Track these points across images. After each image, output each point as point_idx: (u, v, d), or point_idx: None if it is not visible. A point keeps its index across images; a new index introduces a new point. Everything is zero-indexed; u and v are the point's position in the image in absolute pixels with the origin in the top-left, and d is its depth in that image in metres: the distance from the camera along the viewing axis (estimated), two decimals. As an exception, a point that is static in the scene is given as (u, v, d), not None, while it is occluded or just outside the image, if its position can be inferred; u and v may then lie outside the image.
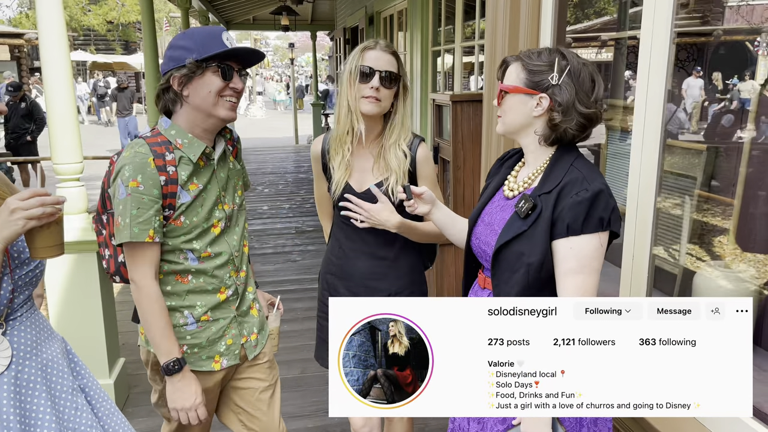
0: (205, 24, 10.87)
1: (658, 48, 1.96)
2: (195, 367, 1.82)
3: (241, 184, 1.97)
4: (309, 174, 10.71)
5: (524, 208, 1.47)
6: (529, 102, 1.50)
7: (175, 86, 1.69)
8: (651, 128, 2.00)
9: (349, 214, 1.95)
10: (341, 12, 12.29)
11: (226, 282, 1.84)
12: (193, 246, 1.76)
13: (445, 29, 5.75)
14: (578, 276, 1.41)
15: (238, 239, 1.89)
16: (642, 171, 2.05)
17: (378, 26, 8.30)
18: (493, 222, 1.60)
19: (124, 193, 1.65)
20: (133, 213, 1.64)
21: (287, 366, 3.65)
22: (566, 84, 1.47)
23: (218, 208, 1.81)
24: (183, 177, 1.71)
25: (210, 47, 1.65)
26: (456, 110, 3.33)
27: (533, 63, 1.49)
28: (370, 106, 1.94)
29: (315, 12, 13.93)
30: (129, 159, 1.66)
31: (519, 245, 1.47)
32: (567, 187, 1.44)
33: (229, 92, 1.70)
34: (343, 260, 2.13)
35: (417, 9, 6.02)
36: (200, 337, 1.82)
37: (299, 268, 5.55)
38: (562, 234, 1.42)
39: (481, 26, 4.71)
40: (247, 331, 1.93)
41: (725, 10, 4.57)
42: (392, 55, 1.97)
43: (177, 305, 1.79)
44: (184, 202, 1.71)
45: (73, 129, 2.90)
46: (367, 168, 2.05)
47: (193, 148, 1.73)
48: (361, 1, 9.36)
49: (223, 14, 12.97)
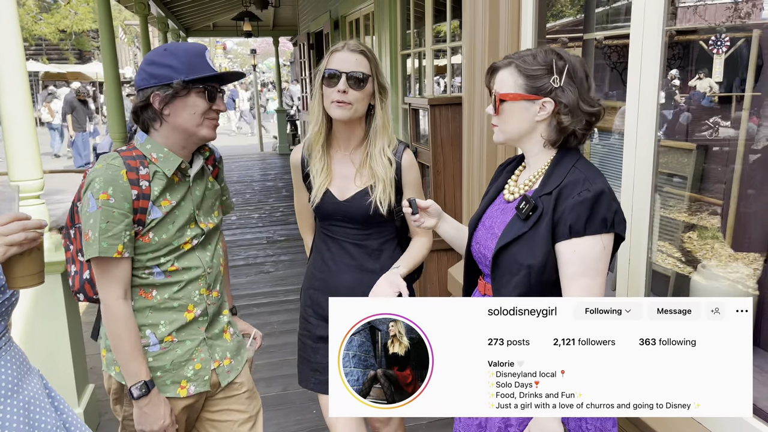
0: (164, 31, 10.60)
1: (649, 47, 1.91)
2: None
3: (218, 204, 1.88)
4: (276, 182, 10.53)
5: (525, 209, 1.43)
6: (531, 108, 1.45)
7: (156, 105, 1.62)
8: (645, 129, 1.95)
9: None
10: (304, 17, 12.16)
11: (194, 300, 1.74)
12: (160, 261, 1.68)
13: (414, 32, 5.68)
14: (582, 279, 1.37)
15: (211, 255, 1.79)
16: (636, 173, 2.00)
17: (344, 30, 8.21)
18: (493, 225, 1.55)
19: (94, 206, 1.57)
20: (102, 227, 1.56)
21: (267, 383, 3.51)
22: (568, 85, 1.43)
23: (190, 227, 1.73)
24: (155, 192, 1.63)
25: (197, 68, 1.62)
26: (434, 114, 3.26)
27: (531, 67, 1.44)
28: (339, 111, 1.84)
29: (277, 17, 13.77)
30: (101, 171, 1.58)
31: (519, 247, 1.43)
32: (568, 188, 1.40)
33: (213, 114, 1.67)
34: (326, 274, 2.02)
35: (384, 12, 5.95)
36: (163, 360, 1.71)
37: (273, 280, 5.40)
38: (565, 236, 1.38)
39: (453, 27, 4.65)
40: (219, 355, 1.81)
41: (677, 11, 4.62)
42: (361, 54, 1.87)
43: (139, 324, 1.68)
44: (154, 218, 1.64)
45: (31, 143, 2.72)
46: (350, 175, 1.95)
47: (169, 162, 1.66)
48: (325, 5, 9.25)
49: (183, 21, 12.69)
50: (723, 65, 3.81)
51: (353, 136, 1.94)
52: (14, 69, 2.63)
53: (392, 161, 1.92)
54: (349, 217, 1.94)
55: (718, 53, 3.70)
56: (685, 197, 2.96)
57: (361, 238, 1.97)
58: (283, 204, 8.62)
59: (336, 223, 1.98)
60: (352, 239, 1.97)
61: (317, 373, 2.05)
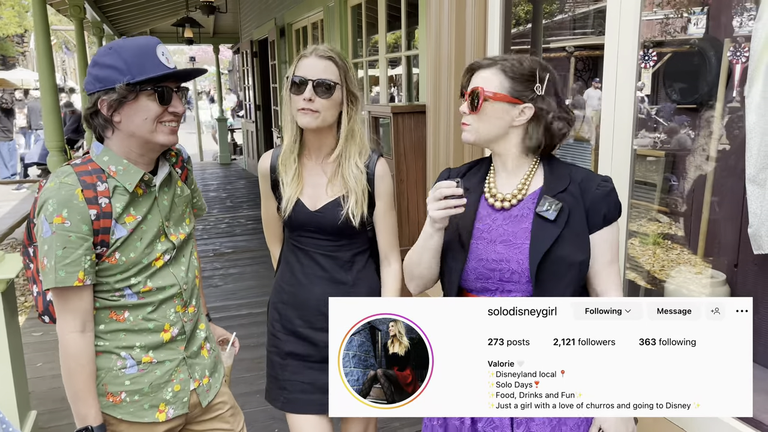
0: (99, 36, 10.18)
1: (625, 55, 1.93)
2: (135, 417, 1.58)
3: (190, 210, 1.75)
4: (220, 192, 10.26)
5: (552, 209, 1.42)
6: (511, 111, 1.45)
7: (104, 111, 1.47)
8: (621, 138, 1.96)
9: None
10: (246, 24, 11.94)
11: (171, 319, 1.62)
12: (131, 282, 1.54)
13: (366, 40, 5.65)
14: (614, 265, 1.45)
15: (186, 270, 1.67)
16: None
17: (290, 39, 8.09)
18: (504, 237, 1.46)
19: (48, 230, 1.41)
20: (59, 254, 1.41)
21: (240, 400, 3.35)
22: (548, 95, 1.46)
23: (160, 241, 1.59)
24: (118, 209, 1.49)
25: (144, 68, 1.44)
26: (397, 122, 3.21)
27: (518, 72, 1.45)
28: (306, 119, 1.77)
29: (218, 24, 13.48)
30: (53, 191, 1.43)
31: (561, 248, 1.40)
32: (585, 182, 1.45)
33: (169, 117, 1.50)
34: (296, 287, 1.93)
35: (334, 20, 5.89)
36: (141, 383, 1.58)
37: (222, 294, 5.21)
38: (599, 225, 1.43)
39: (415, 36, 4.64)
40: (198, 374, 1.69)
41: (641, 24, 4.81)
42: (330, 60, 1.79)
43: (112, 346, 1.55)
44: (119, 237, 1.49)
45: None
46: (321, 184, 1.88)
47: (129, 175, 1.51)
48: (270, 13, 9.11)
49: (118, 26, 12.24)
50: (651, 79, 3.98)
51: (324, 145, 1.87)
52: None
53: (363, 171, 1.85)
54: (321, 227, 1.87)
55: (645, 67, 3.86)
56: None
57: (332, 249, 1.89)
58: (228, 215, 8.39)
59: (306, 234, 1.89)
60: (323, 250, 1.89)
61: (285, 391, 1.95)
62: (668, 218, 3.37)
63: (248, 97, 12.66)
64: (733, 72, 2.88)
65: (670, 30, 4.89)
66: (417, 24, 4.39)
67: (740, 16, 3.17)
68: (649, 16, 4.83)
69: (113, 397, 1.56)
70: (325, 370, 1.90)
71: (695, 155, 3.00)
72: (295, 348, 1.92)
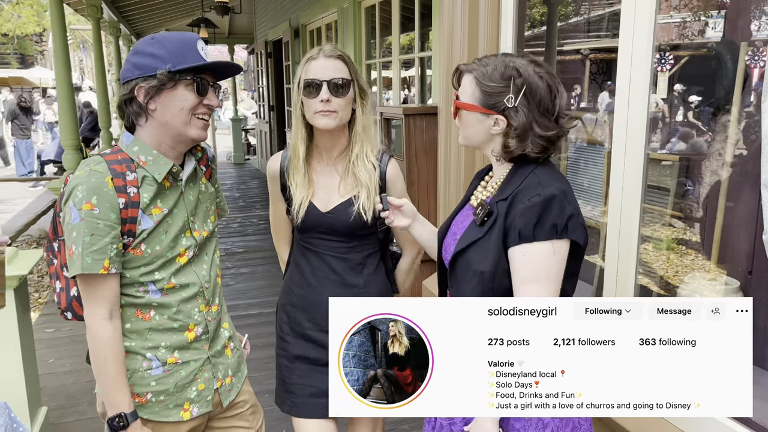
0: (116, 36, 10.27)
1: (639, 58, 1.90)
2: (160, 417, 1.58)
3: (214, 209, 1.76)
4: (233, 192, 10.31)
5: (480, 214, 1.43)
6: (485, 121, 1.44)
7: (140, 98, 1.49)
8: (634, 144, 1.93)
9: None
10: (261, 25, 12.00)
11: (195, 318, 1.62)
12: (155, 277, 1.54)
13: (380, 42, 5.64)
14: (533, 285, 1.35)
15: (208, 269, 1.67)
16: (625, 189, 1.98)
17: (304, 39, 8.11)
18: (456, 231, 1.54)
19: (77, 217, 1.42)
20: (86, 240, 1.42)
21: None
22: (522, 106, 1.39)
23: (185, 236, 1.60)
24: (145, 200, 1.50)
25: (185, 58, 1.48)
26: (409, 123, 3.20)
27: (487, 82, 1.40)
28: (325, 120, 1.77)
29: (233, 25, 13.55)
30: (83, 178, 1.44)
31: (473, 253, 1.42)
32: (521, 193, 1.38)
33: (203, 109, 1.54)
34: (305, 289, 1.92)
35: (348, 21, 5.89)
36: (167, 383, 1.58)
37: (234, 293, 5.23)
38: (515, 241, 1.36)
39: (410, 38, 4.63)
40: (221, 374, 1.70)
41: (656, 27, 4.77)
42: (339, 59, 1.80)
43: (138, 346, 1.56)
44: (145, 228, 1.50)
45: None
46: (333, 185, 1.87)
47: (159, 166, 1.52)
48: (285, 14, 9.14)
49: (135, 26, 12.34)
50: (667, 82, 3.95)
51: (337, 145, 1.86)
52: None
53: (375, 166, 1.85)
54: (333, 229, 1.86)
55: (662, 71, 3.82)
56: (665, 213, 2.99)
57: (344, 251, 1.88)
58: (240, 215, 8.43)
59: (318, 235, 1.88)
60: (334, 252, 1.88)
61: (292, 395, 1.93)
62: (683, 223, 3.33)
63: (262, 97, 12.71)
64: (751, 76, 2.84)
65: (687, 33, 4.84)
66: (430, 25, 4.38)
67: (758, 19, 3.13)
68: (666, 19, 4.78)
69: (139, 398, 1.57)
70: None
71: (711, 160, 2.96)
72: (304, 351, 1.91)
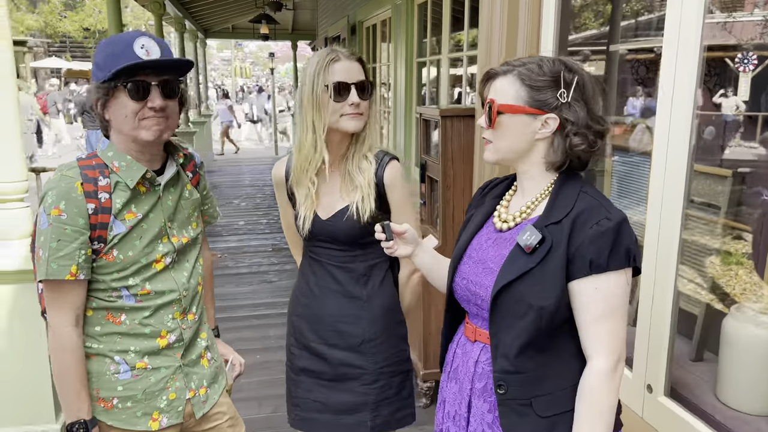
0: (180, 32, 10.53)
1: (684, 60, 1.71)
2: (127, 425, 1.54)
3: (197, 215, 1.69)
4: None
5: (530, 241, 1.23)
6: (532, 124, 1.27)
7: (98, 109, 1.45)
8: (676, 152, 1.75)
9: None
10: (323, 21, 12.05)
11: (168, 325, 1.56)
12: (128, 283, 1.50)
13: (431, 40, 5.50)
14: (608, 322, 1.20)
15: (188, 276, 1.61)
16: (665, 199, 1.80)
17: (360, 36, 8.06)
18: (486, 259, 1.35)
19: (45, 222, 1.41)
20: (53, 246, 1.40)
21: (259, 403, 3.33)
22: (576, 101, 1.25)
23: (162, 241, 1.55)
24: (117, 205, 1.46)
25: (118, 61, 1.39)
26: (445, 125, 3.06)
27: (536, 77, 1.25)
28: (355, 123, 1.70)
29: (296, 21, 13.68)
30: (54, 183, 1.43)
31: (525, 286, 1.23)
32: (582, 216, 1.22)
33: (148, 113, 1.43)
34: (310, 299, 1.84)
35: (401, 18, 5.78)
36: (135, 389, 1.53)
37: (275, 290, 5.23)
38: (584, 272, 1.19)
39: (471, 36, 4.47)
40: (195, 384, 1.64)
41: (703, 28, 4.47)
42: (358, 61, 1.74)
43: (106, 349, 1.52)
44: (117, 234, 1.46)
45: (15, 143, 2.57)
46: (335, 189, 1.78)
47: (131, 172, 1.48)
48: (344, 10, 9.12)
49: (201, 22, 12.64)
50: (750, 84, 3.68)
51: (342, 148, 1.78)
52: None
53: (372, 162, 1.75)
54: (333, 237, 1.77)
55: (744, 71, 3.55)
56: (718, 224, 2.74)
57: (346, 260, 1.79)
58: (292, 210, 8.46)
59: (320, 244, 1.80)
60: (336, 261, 1.79)
61: (297, 408, 1.87)
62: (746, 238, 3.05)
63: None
64: None
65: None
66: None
67: None
68: (746, 17, 4.44)
69: (105, 403, 1.52)
70: (337, 389, 1.80)
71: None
72: (308, 364, 1.84)
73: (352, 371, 1.79)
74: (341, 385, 1.80)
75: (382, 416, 1.81)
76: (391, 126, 6.25)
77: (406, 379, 1.87)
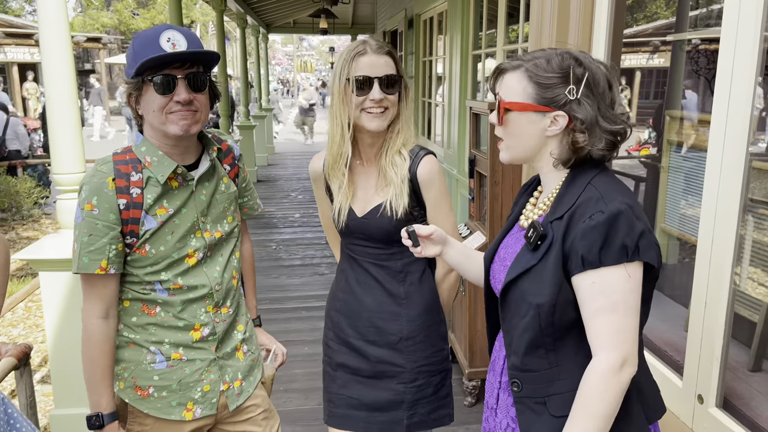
0: (242, 27, 10.74)
1: (743, 49, 1.61)
2: (162, 414, 1.57)
3: (234, 209, 1.69)
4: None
5: (533, 237, 1.22)
6: (540, 121, 1.22)
7: (132, 104, 1.48)
8: (733, 147, 1.64)
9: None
10: (381, 15, 12.03)
11: (201, 319, 1.58)
12: (161, 277, 1.52)
13: (486, 33, 5.40)
14: (612, 315, 1.14)
15: (221, 271, 1.62)
16: (720, 197, 1.69)
17: (418, 29, 8.00)
18: (506, 257, 1.33)
19: (80, 216, 1.45)
20: (84, 240, 1.44)
21: (305, 395, 3.37)
22: (586, 97, 1.19)
23: (195, 236, 1.56)
24: (149, 200, 1.48)
25: (143, 55, 1.39)
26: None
27: (543, 74, 1.20)
28: (376, 122, 1.65)
29: (355, 15, 13.72)
30: (88, 178, 1.46)
31: (527, 283, 1.22)
32: (579, 210, 1.17)
33: (175, 107, 1.43)
34: (349, 295, 1.83)
35: (457, 11, 5.69)
36: (170, 379, 1.57)
37: (326, 283, 5.28)
38: (578, 268, 1.16)
39: (526, 30, 4.35)
40: (229, 376, 1.66)
41: (765, 17, 4.18)
42: (388, 55, 1.67)
43: (142, 339, 1.55)
44: (149, 229, 1.48)
45: (75, 135, 2.68)
46: (371, 185, 1.76)
47: (163, 167, 1.49)
48: (401, 2, 9.07)
49: (263, 17, 12.86)
50: None
51: (376, 144, 1.74)
52: (59, 63, 2.60)
53: (406, 158, 1.71)
54: (369, 234, 1.75)
55: None
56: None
57: (383, 258, 1.77)
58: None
59: (356, 241, 1.79)
60: (372, 259, 1.78)
61: (331, 404, 1.87)
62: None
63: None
64: None
65: None
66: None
67: None
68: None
69: (141, 391, 1.56)
70: (374, 386, 1.79)
71: None
72: (346, 360, 1.84)
73: (391, 369, 1.78)
74: (379, 383, 1.79)
75: (419, 414, 1.79)
76: (445, 119, 6.19)
77: (444, 378, 1.84)
